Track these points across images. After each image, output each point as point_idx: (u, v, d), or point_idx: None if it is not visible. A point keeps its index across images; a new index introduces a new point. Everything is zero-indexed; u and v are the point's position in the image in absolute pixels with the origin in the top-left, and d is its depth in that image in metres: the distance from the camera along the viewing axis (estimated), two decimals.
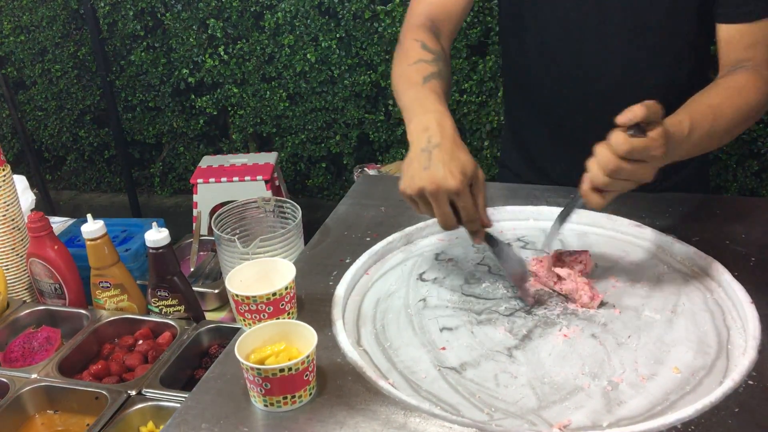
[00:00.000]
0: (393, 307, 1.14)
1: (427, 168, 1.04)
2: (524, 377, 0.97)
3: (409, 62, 1.27)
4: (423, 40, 1.30)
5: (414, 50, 1.29)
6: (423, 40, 1.31)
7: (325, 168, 3.65)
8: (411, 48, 1.30)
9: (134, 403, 1.17)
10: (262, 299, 1.04)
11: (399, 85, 1.25)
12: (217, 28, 3.40)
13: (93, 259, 1.42)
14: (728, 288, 1.10)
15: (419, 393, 0.95)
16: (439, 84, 1.21)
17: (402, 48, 1.32)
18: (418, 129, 1.11)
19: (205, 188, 3.15)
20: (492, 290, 1.17)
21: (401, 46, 1.33)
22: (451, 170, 1.04)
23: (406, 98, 1.20)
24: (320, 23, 3.26)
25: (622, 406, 0.91)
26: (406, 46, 1.32)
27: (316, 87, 3.40)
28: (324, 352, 1.01)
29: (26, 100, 3.93)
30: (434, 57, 1.27)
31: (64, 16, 3.66)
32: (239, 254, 1.37)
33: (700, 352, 0.99)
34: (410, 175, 1.06)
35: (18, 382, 1.23)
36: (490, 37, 3.10)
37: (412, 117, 1.14)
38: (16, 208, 1.52)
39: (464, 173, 1.04)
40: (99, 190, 4.16)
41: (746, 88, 1.19)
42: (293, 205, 1.46)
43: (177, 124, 3.74)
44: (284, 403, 0.91)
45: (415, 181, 1.05)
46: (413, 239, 1.32)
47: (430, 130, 1.09)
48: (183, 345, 1.30)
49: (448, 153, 1.06)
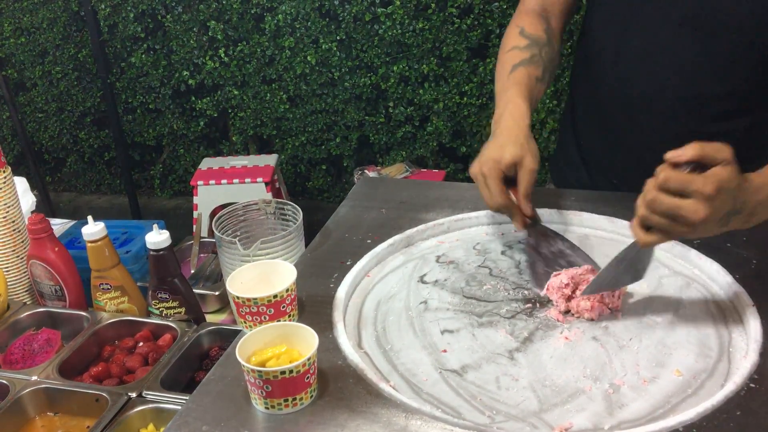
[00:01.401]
0: (394, 309, 1.14)
1: (482, 155, 1.20)
2: (525, 380, 0.97)
3: (504, 50, 1.37)
4: (523, 26, 1.37)
5: (511, 37, 1.37)
6: (523, 25, 1.37)
7: (325, 170, 3.65)
8: (509, 34, 1.38)
9: (134, 406, 1.17)
10: (263, 301, 1.04)
11: (495, 73, 1.36)
12: (218, 30, 3.40)
13: (93, 261, 1.42)
14: (730, 291, 1.10)
15: (420, 395, 0.95)
16: (527, 71, 1.30)
17: (505, 34, 1.40)
18: (494, 118, 1.26)
19: (205, 190, 3.15)
20: (493, 293, 1.17)
21: (505, 33, 1.41)
22: (488, 158, 1.17)
23: (496, 87, 1.33)
24: (321, 25, 3.27)
25: (624, 408, 0.91)
26: (507, 32, 1.40)
27: (317, 89, 3.40)
28: (325, 354, 1.01)
29: (27, 102, 3.94)
30: (529, 42, 1.34)
31: (64, 18, 3.67)
32: (240, 256, 1.37)
33: (701, 355, 0.99)
34: (476, 160, 1.21)
35: (18, 384, 1.23)
36: (491, 40, 3.10)
37: (496, 106, 1.28)
38: (17, 210, 1.52)
39: (498, 160, 1.16)
40: (99, 192, 4.16)
41: None
42: (294, 207, 1.46)
43: (177, 126, 3.74)
44: (285, 406, 0.91)
45: (472, 165, 1.21)
46: (414, 241, 1.32)
47: (499, 121, 1.24)
48: (183, 347, 1.30)
49: (498, 144, 1.19)
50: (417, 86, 3.28)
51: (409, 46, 3.21)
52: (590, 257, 1.20)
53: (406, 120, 3.36)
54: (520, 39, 1.35)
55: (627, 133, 1.40)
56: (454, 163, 3.39)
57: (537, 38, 1.34)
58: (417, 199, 1.44)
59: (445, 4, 3.10)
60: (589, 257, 1.20)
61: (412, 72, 3.24)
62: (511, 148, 1.17)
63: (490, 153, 1.18)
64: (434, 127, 3.30)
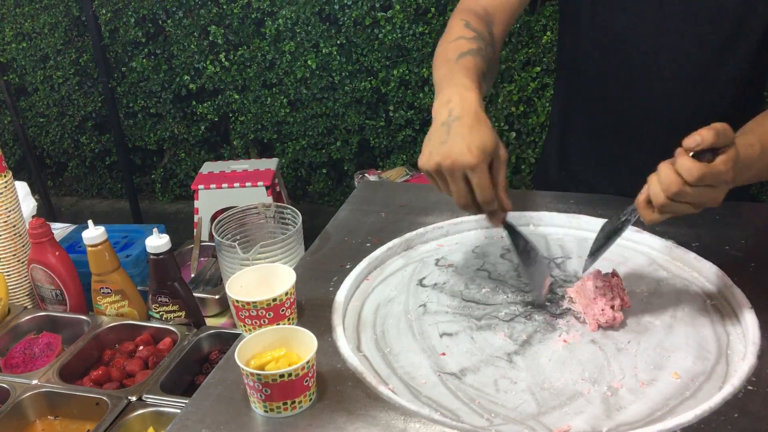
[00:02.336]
0: (393, 312, 1.14)
1: (444, 142, 1.00)
2: (524, 383, 0.97)
3: (448, 40, 1.24)
4: (468, 20, 1.27)
5: (456, 28, 1.26)
6: (468, 20, 1.27)
7: (325, 174, 3.65)
8: (454, 26, 1.27)
9: (134, 409, 1.17)
10: (262, 305, 1.04)
11: (435, 63, 1.22)
12: (218, 34, 3.41)
13: (94, 265, 1.42)
14: (728, 293, 1.10)
15: (419, 398, 0.95)
16: (474, 60, 1.16)
17: (447, 28, 1.29)
18: (440, 103, 1.06)
19: (206, 194, 3.15)
20: (492, 296, 1.17)
21: (447, 27, 1.29)
22: (469, 145, 0.99)
23: (437, 75, 1.16)
24: (321, 30, 3.27)
25: (622, 411, 0.91)
26: (450, 25, 1.29)
27: (317, 93, 3.41)
28: (324, 357, 1.01)
29: (28, 107, 3.95)
30: (475, 35, 1.23)
31: (65, 23, 3.68)
32: (240, 260, 1.37)
33: (699, 357, 0.99)
34: (428, 150, 1.02)
35: (18, 388, 1.23)
36: None
37: (438, 92, 1.10)
38: (18, 214, 1.53)
39: (483, 149, 0.99)
40: (100, 197, 4.17)
41: None
42: (293, 211, 1.47)
43: (178, 130, 3.75)
44: (284, 409, 0.91)
45: (432, 156, 1.01)
46: (413, 245, 1.33)
47: (451, 103, 1.04)
48: (183, 351, 1.30)
49: (468, 127, 1.01)
50: (417, 90, 3.29)
51: (409, 50, 3.22)
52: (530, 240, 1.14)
53: (406, 124, 3.37)
54: (467, 30, 1.24)
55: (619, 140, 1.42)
56: None
57: (482, 34, 1.25)
58: (416, 203, 1.45)
59: (445, 8, 3.11)
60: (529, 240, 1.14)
61: (413, 76, 3.25)
62: (488, 132, 1.01)
63: (462, 139, 0.99)
64: None
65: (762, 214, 1.33)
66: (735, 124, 1.04)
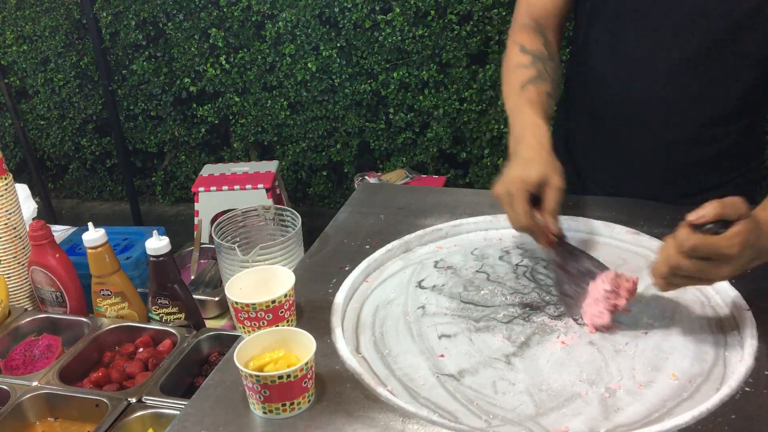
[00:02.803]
0: (392, 314, 1.15)
1: (503, 175, 1.16)
2: (522, 384, 0.97)
3: (509, 67, 1.37)
4: (522, 43, 1.38)
5: (513, 54, 1.38)
6: (522, 42, 1.38)
7: (326, 176, 3.66)
8: (511, 51, 1.39)
9: (134, 411, 1.17)
10: (261, 307, 1.04)
11: (503, 91, 1.37)
12: (219, 37, 3.42)
13: (94, 267, 1.42)
14: (725, 295, 1.11)
15: (417, 400, 0.96)
16: (536, 89, 1.31)
17: (506, 52, 1.41)
18: (513, 139, 1.23)
19: (206, 197, 3.16)
20: (490, 297, 1.17)
21: (506, 50, 1.42)
22: (513, 177, 1.14)
23: (507, 106, 1.33)
24: (321, 32, 3.28)
25: (620, 412, 0.91)
26: (508, 49, 1.41)
27: (317, 96, 3.42)
28: (323, 359, 1.01)
29: (29, 110, 3.95)
30: (532, 59, 1.35)
31: (66, 25, 3.68)
32: (239, 262, 1.37)
33: (697, 359, 1.00)
34: (499, 180, 1.17)
35: (19, 390, 1.24)
36: (490, 46, 3.11)
37: (511, 127, 1.27)
38: (18, 216, 1.53)
39: (524, 179, 1.13)
40: (101, 199, 4.17)
41: None
42: (293, 213, 1.47)
43: (178, 132, 3.75)
44: (283, 410, 0.92)
45: (496, 185, 1.17)
46: (412, 247, 1.33)
47: (518, 142, 1.21)
48: (183, 352, 1.30)
49: (521, 162, 1.16)
50: (417, 92, 3.29)
51: (409, 53, 3.22)
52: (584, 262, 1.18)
53: (406, 126, 3.37)
54: (523, 56, 1.36)
55: (619, 136, 1.42)
56: (454, 169, 3.40)
57: (539, 53, 1.36)
58: (415, 205, 1.45)
59: (445, 11, 3.12)
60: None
61: (412, 78, 3.26)
62: (538, 166, 1.14)
63: (515, 172, 1.15)
64: (434, 133, 3.31)
65: None
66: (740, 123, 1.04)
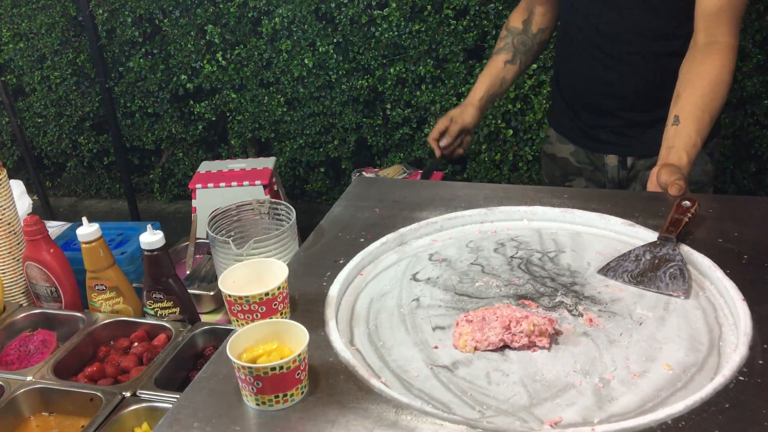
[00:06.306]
0: (386, 307, 1.15)
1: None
2: (516, 375, 0.97)
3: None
4: (509, 20, 1.90)
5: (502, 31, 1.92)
6: (510, 19, 1.90)
7: (323, 172, 3.65)
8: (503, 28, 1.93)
9: (129, 405, 1.17)
10: (254, 299, 1.04)
11: None
12: (215, 34, 3.41)
13: (88, 262, 1.42)
14: (720, 285, 1.10)
15: (411, 391, 0.96)
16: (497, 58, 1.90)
17: None
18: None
19: (203, 193, 3.15)
20: (485, 289, 1.17)
21: None
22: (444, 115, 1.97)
23: None
24: (317, 28, 3.27)
25: (613, 402, 0.91)
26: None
27: (314, 92, 3.41)
28: (317, 351, 1.01)
29: (25, 107, 3.95)
30: (506, 33, 1.89)
31: (62, 23, 3.68)
32: (233, 256, 1.37)
33: (691, 349, 1.00)
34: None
35: (13, 385, 1.24)
36: (487, 41, 3.10)
37: None
38: (12, 211, 1.53)
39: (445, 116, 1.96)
40: (99, 197, 4.17)
41: (724, 74, 1.45)
42: (287, 207, 1.47)
43: (176, 129, 3.75)
44: (276, 402, 0.91)
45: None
46: (407, 240, 1.33)
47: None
48: (178, 347, 1.30)
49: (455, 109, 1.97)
50: (414, 88, 3.29)
51: (405, 48, 3.22)
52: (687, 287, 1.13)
53: (403, 122, 3.37)
54: (503, 32, 1.91)
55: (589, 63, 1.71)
56: (452, 165, 3.40)
57: (514, 29, 1.88)
58: (410, 198, 1.45)
59: (441, 5, 3.11)
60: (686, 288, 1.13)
61: (409, 74, 3.25)
62: (458, 110, 1.92)
63: (448, 113, 1.94)
64: (431, 128, 3.29)
65: (754, 208, 1.33)
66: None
